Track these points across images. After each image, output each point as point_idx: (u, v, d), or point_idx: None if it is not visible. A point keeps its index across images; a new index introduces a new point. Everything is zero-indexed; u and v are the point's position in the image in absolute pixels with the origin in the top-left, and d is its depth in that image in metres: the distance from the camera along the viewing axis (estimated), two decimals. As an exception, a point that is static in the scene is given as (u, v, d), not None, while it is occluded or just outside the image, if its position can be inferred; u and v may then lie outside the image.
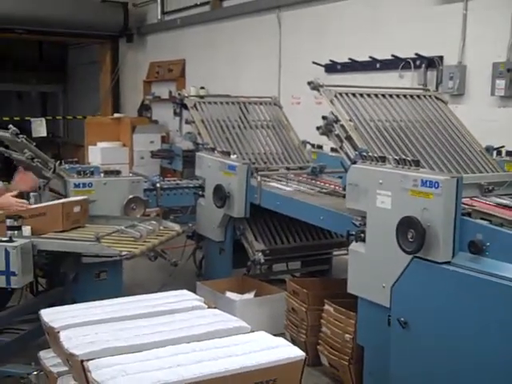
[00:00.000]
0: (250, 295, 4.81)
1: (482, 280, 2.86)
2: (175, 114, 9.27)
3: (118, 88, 11.75)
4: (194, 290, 3.52)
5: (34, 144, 4.54)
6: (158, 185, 5.41)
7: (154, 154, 9.64)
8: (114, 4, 10.82)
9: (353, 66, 6.82)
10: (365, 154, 3.59)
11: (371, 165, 3.48)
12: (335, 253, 5.43)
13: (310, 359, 4.03)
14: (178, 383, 2.16)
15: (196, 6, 9.64)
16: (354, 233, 3.54)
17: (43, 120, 10.76)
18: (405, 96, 4.41)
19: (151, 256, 4.37)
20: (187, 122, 5.90)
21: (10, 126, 4.53)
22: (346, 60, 6.86)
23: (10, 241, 3.48)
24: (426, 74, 6.08)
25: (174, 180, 5.96)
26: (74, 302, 3.31)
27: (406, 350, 3.23)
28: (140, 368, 2.23)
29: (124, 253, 3.59)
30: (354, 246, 3.54)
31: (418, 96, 4.47)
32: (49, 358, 2.81)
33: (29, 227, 3.81)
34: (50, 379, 2.78)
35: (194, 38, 9.81)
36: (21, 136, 4.45)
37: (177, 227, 4.38)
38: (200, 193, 5.42)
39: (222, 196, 4.94)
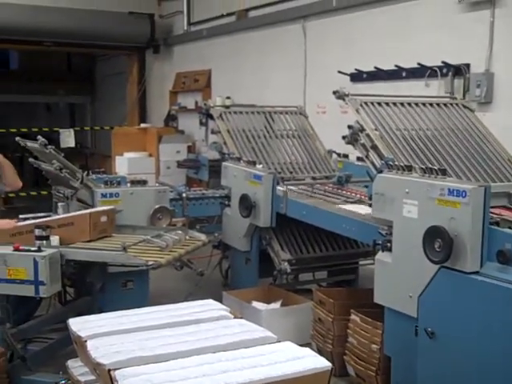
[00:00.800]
0: (276, 305, 4.79)
1: (511, 290, 2.82)
2: (201, 123, 9.33)
3: (145, 98, 11.84)
4: (220, 300, 3.52)
5: (63, 154, 4.59)
6: (184, 195, 5.43)
7: (180, 164, 9.69)
8: (140, 16, 10.92)
9: (378, 75, 6.79)
10: (391, 163, 3.57)
11: (397, 174, 3.46)
12: (361, 262, 5.40)
13: (337, 369, 4.01)
14: (203, 393, 2.16)
15: (222, 16, 9.68)
16: (380, 242, 3.52)
17: (71, 131, 10.88)
18: (431, 104, 4.38)
19: (177, 266, 4.37)
20: (213, 132, 5.93)
21: (39, 136, 4.59)
22: (372, 69, 6.84)
23: (39, 250, 3.51)
24: (453, 82, 6.02)
25: (200, 190, 5.98)
26: (101, 311, 3.34)
27: (433, 361, 3.19)
28: (166, 378, 2.24)
29: (150, 262, 3.60)
30: (381, 255, 3.52)
31: (445, 104, 4.44)
32: (77, 367, 2.83)
33: (57, 237, 3.85)
34: (77, 388, 2.80)
35: (219, 48, 9.86)
36: (49, 147, 4.51)
37: (203, 237, 4.39)
38: (226, 202, 5.43)
39: (247, 206, 4.95)
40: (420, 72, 6.31)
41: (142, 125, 11.01)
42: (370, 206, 3.71)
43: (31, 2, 9.93)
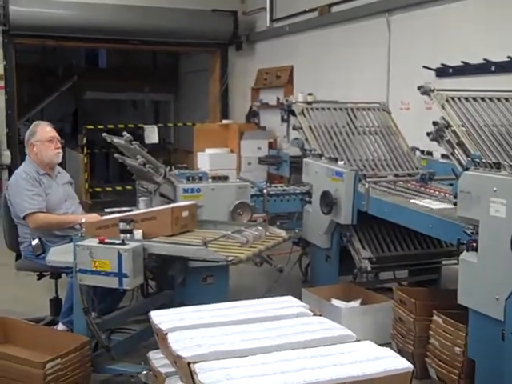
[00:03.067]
0: (355, 303, 4.74)
1: None
2: (283, 120, 9.27)
3: (227, 95, 11.93)
4: (299, 297, 3.50)
5: (146, 150, 4.68)
6: (264, 191, 5.43)
7: (261, 160, 9.72)
8: (224, 13, 11.02)
9: (466, 70, 6.57)
10: (478, 160, 3.46)
11: (485, 171, 3.34)
12: (444, 262, 5.26)
13: (418, 371, 3.91)
14: (281, 390, 2.15)
15: (304, 12, 9.64)
16: (465, 242, 3.40)
17: (155, 127, 11.12)
18: (522, 99, 4.21)
19: (257, 261, 4.38)
20: (294, 128, 5.90)
21: (124, 132, 4.71)
22: (459, 63, 6.64)
23: (123, 244, 3.59)
24: (546, 76, 5.78)
25: (281, 186, 5.98)
26: (181, 304, 3.39)
27: (521, 367, 3.07)
28: (244, 373, 2.24)
29: (230, 258, 3.62)
30: (465, 255, 3.41)
31: (537, 99, 4.26)
32: (158, 359, 2.89)
33: (140, 231, 3.92)
34: (158, 379, 2.85)
35: (302, 44, 9.83)
36: (134, 142, 4.61)
37: (283, 233, 4.37)
38: (307, 199, 5.41)
39: (328, 202, 4.90)
40: (510, 65, 6.07)
41: (224, 121, 11.09)
42: (455, 204, 3.61)
43: (119, 2, 10.21)
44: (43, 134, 4.70)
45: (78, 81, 13.71)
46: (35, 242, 4.43)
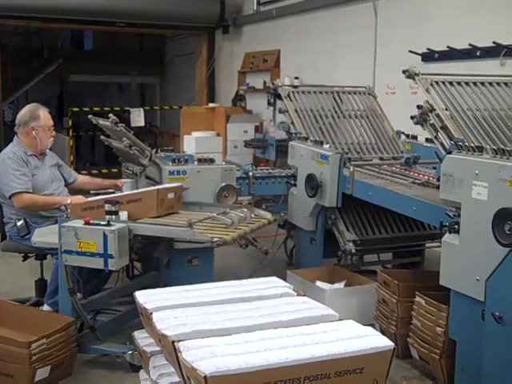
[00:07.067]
0: (340, 285, 4.79)
1: None
2: (269, 103, 9.30)
3: (214, 78, 11.90)
4: (284, 279, 3.53)
5: (132, 133, 4.68)
6: (250, 173, 5.45)
7: (247, 144, 9.71)
8: (211, -4, 10.97)
9: (451, 55, 6.60)
10: (461, 143, 3.49)
11: (467, 155, 3.38)
12: (428, 245, 5.32)
13: (400, 351, 3.98)
14: (264, 367, 2.18)
15: (292, -4, 9.62)
16: (447, 224, 3.44)
17: (141, 110, 11.07)
18: (506, 84, 4.24)
19: (242, 244, 4.41)
20: (281, 112, 5.92)
21: (110, 114, 4.69)
22: (445, 48, 6.66)
23: (108, 225, 3.61)
24: (530, 62, 5.81)
25: (267, 169, 6.00)
26: (167, 286, 3.41)
27: (500, 346, 3.12)
28: (228, 351, 2.27)
29: (215, 239, 3.64)
30: (448, 237, 3.45)
31: (520, 84, 4.29)
32: (142, 338, 2.91)
33: (125, 212, 3.94)
34: (143, 358, 2.88)
35: (289, 28, 9.81)
36: (120, 124, 4.60)
37: (268, 215, 4.40)
38: (292, 182, 5.43)
39: (313, 185, 4.93)
40: (495, 51, 6.09)
41: (211, 104, 11.07)
42: (438, 187, 3.65)
43: (105, -16, 10.13)
44: (47, 121, 4.71)
45: (63, 63, 13.59)
46: (20, 222, 4.43)
